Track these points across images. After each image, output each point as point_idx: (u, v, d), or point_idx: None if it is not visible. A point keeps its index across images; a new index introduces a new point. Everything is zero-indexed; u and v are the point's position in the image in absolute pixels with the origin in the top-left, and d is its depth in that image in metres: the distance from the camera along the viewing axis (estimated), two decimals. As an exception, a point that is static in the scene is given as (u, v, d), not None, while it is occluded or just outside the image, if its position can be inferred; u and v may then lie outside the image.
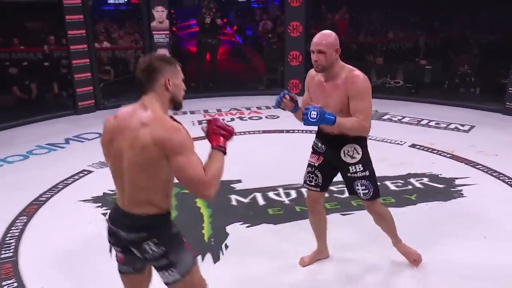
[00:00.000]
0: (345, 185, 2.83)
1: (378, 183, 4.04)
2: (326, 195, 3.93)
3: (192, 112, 6.73)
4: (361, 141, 2.65)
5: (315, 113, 2.39)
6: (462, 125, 6.01)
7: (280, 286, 2.80)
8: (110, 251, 3.17)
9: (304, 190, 4.04)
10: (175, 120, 1.83)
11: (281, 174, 4.42)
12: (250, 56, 10.53)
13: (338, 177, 4.18)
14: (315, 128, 2.76)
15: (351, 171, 2.66)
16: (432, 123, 6.14)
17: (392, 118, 6.42)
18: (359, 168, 2.65)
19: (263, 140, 5.61)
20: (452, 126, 6.01)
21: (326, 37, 2.49)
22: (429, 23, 8.86)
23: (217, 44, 8.08)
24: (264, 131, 5.89)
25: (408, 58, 8.29)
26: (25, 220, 3.60)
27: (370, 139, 5.39)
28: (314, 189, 2.83)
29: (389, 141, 5.42)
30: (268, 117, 6.55)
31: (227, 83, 8.14)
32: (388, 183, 4.21)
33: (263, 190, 4.09)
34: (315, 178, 2.80)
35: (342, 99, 2.50)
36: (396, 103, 7.21)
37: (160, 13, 6.92)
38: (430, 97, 7.29)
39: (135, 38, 8.89)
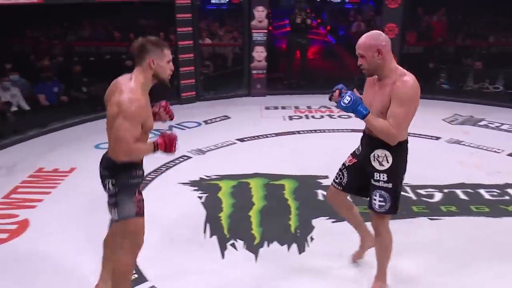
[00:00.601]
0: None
1: (471, 190, 3.87)
2: (414, 198, 3.79)
3: (283, 108, 6.77)
4: (396, 149, 2.37)
5: (349, 99, 2.28)
6: None
7: (359, 283, 2.73)
8: (204, 231, 3.32)
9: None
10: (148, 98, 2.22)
11: (368, 173, 4.29)
12: (342, 56, 10.33)
13: (426, 181, 4.01)
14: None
15: (375, 178, 2.42)
16: (535, 132, 5.56)
17: (489, 125, 5.91)
18: (383, 178, 2.40)
19: (351, 138, 5.35)
20: (558, 136, 5.40)
21: (364, 39, 2.29)
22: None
23: (306, 43, 7.98)
24: (353, 130, 5.73)
25: (511, 63, 7.57)
26: (133, 196, 3.87)
27: (464, 144, 5.10)
28: (337, 186, 2.67)
29: (485, 148, 5.01)
30: (357, 116, 6.38)
31: (319, 82, 8.05)
32: (482, 191, 3.90)
33: (349, 188, 3.99)
34: (341, 176, 2.65)
35: (384, 101, 2.29)
36: (494, 109, 6.63)
37: (260, 12, 7.02)
38: (534, 105, 6.60)
39: (234, 36, 9.13)
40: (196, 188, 4.05)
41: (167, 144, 2.27)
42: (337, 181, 2.68)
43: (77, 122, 5.98)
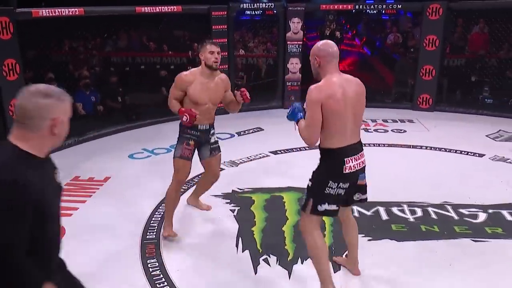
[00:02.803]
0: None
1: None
2: (456, 218, 3.67)
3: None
4: (323, 155, 2.57)
5: (289, 108, 2.60)
6: None
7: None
8: (237, 245, 3.31)
9: (429, 209, 3.80)
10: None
11: (406, 190, 4.19)
12: (378, 68, 10.20)
13: (469, 200, 3.88)
14: (444, 145, 2.53)
15: None
16: None
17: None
18: (309, 177, 2.62)
19: (387, 154, 5.37)
20: None
21: (313, 46, 2.57)
22: None
23: None
24: (390, 145, 5.64)
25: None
26: (166, 207, 3.92)
27: (510, 162, 4.92)
28: None
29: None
30: (394, 130, 6.27)
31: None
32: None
33: (386, 205, 3.91)
34: None
35: None
36: (541, 125, 6.38)
37: (296, 24, 7.05)
38: None
39: (267, 47, 9.18)
40: (228, 200, 4.06)
41: (185, 113, 3.17)
42: None
43: (112, 131, 6.13)
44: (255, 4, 7.40)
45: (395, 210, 3.83)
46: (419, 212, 3.78)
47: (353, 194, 2.69)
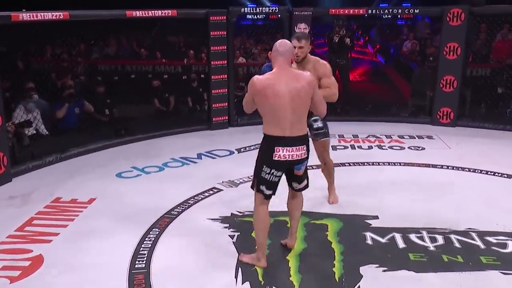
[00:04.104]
0: None
1: None
2: (482, 246, 3.64)
3: (326, 136, 6.73)
4: (262, 141, 3.17)
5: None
6: None
7: None
8: (236, 276, 3.28)
9: (451, 237, 3.79)
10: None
11: (425, 215, 4.17)
12: (393, 79, 10.24)
13: (497, 227, 3.85)
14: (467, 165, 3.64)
15: None
16: None
17: None
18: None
19: (404, 173, 5.36)
20: None
21: None
22: None
23: (346, 64, 7.94)
24: (406, 164, 5.64)
25: None
26: (157, 232, 3.90)
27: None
28: None
29: None
30: (412, 148, 6.27)
31: (366, 107, 8.01)
32: None
33: (403, 231, 3.88)
34: None
35: None
36: None
37: (302, 30, 7.09)
38: None
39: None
40: (227, 225, 4.04)
41: None
42: None
43: (99, 147, 6.14)
44: (258, 8, 7.45)
45: (413, 237, 3.80)
46: (440, 240, 3.75)
47: (291, 182, 3.37)
